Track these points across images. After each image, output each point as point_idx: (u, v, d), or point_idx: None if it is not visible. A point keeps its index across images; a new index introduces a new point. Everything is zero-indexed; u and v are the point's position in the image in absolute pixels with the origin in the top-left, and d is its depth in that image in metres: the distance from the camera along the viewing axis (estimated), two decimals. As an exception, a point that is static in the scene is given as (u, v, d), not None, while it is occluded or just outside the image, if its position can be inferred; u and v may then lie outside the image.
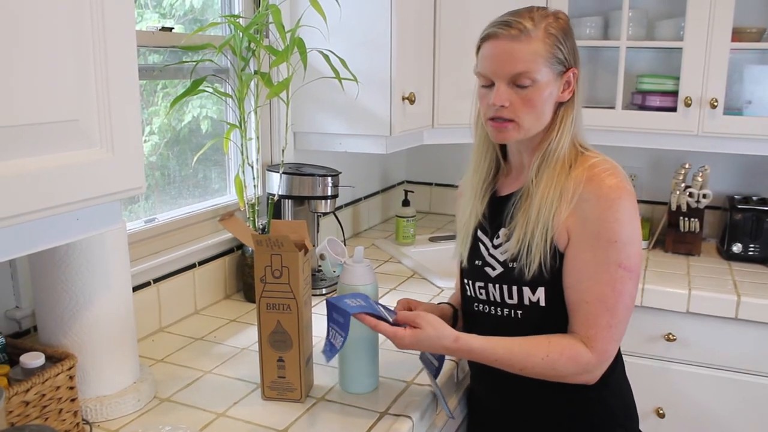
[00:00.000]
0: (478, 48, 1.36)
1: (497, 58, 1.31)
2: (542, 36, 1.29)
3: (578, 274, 1.29)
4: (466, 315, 1.51)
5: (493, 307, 1.41)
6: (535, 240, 1.31)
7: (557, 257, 1.31)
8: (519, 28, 1.29)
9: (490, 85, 1.34)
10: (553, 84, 1.32)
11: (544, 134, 1.36)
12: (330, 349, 1.28)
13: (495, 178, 1.48)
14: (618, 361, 1.45)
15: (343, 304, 1.28)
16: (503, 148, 1.47)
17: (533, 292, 1.34)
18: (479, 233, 1.45)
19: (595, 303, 1.28)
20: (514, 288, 1.36)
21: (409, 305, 1.46)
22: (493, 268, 1.40)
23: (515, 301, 1.36)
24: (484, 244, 1.43)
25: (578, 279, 1.29)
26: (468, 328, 1.51)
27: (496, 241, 1.41)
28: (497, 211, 1.42)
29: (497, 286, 1.39)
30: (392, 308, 1.42)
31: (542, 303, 1.34)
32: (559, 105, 1.36)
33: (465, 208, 1.49)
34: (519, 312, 1.37)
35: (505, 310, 1.39)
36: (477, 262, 1.44)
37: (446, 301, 1.61)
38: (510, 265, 1.36)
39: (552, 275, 1.31)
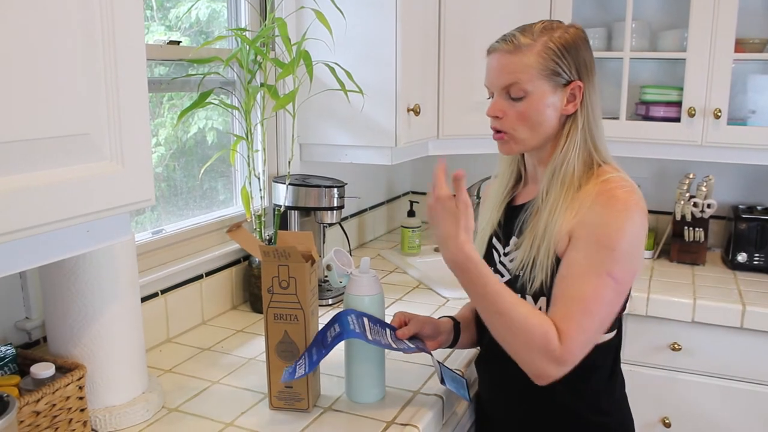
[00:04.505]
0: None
1: (492, 70, 1.36)
2: (539, 49, 1.31)
3: (567, 270, 1.27)
4: (480, 319, 1.52)
5: None
6: (540, 257, 1.30)
7: (556, 272, 1.30)
8: (514, 43, 1.32)
9: (492, 97, 1.38)
10: (552, 96, 1.32)
11: (553, 147, 1.37)
12: (291, 373, 1.30)
13: (516, 187, 1.50)
14: (618, 384, 1.45)
15: (359, 335, 1.32)
16: (524, 158, 1.48)
17: (535, 302, 1.34)
18: (494, 240, 1.47)
19: (575, 301, 1.24)
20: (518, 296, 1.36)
21: (403, 319, 1.46)
22: (502, 275, 1.41)
23: None
24: (497, 251, 1.45)
25: (566, 274, 1.27)
26: (479, 333, 1.53)
27: (506, 249, 1.42)
28: (510, 220, 1.44)
29: None
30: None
31: None
32: (567, 118, 1.36)
33: (484, 213, 1.51)
34: None
35: None
36: (490, 267, 1.45)
37: (456, 313, 1.61)
38: (517, 274, 1.37)
39: (550, 291, 1.30)
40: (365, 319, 1.38)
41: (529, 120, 1.33)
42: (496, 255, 1.45)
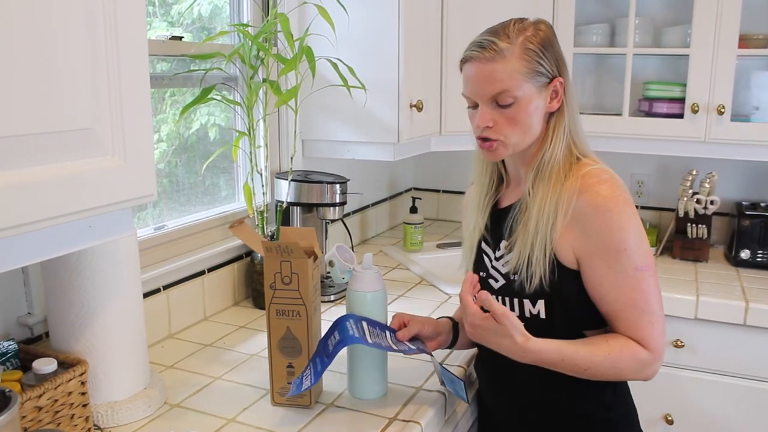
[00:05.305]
0: (461, 69, 1.37)
1: (476, 80, 1.32)
2: (519, 53, 1.29)
3: (601, 288, 1.29)
4: None
5: None
6: (535, 254, 1.30)
7: (556, 271, 1.30)
8: (494, 49, 1.29)
9: (475, 106, 1.35)
10: (538, 97, 1.31)
11: (538, 145, 1.36)
12: (297, 386, 1.29)
13: (497, 190, 1.48)
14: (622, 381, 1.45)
15: (359, 340, 1.31)
16: (503, 160, 1.48)
17: (533, 304, 1.33)
18: (483, 245, 1.46)
19: (628, 309, 1.28)
20: (515, 300, 1.36)
21: (403, 320, 1.45)
22: (496, 280, 1.40)
23: (516, 313, 1.36)
24: (487, 256, 1.44)
25: (603, 292, 1.29)
26: None
27: (498, 253, 1.41)
28: (498, 223, 1.43)
29: (499, 298, 1.39)
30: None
31: (542, 315, 1.33)
32: (551, 115, 1.35)
33: (469, 220, 1.50)
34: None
35: None
36: (481, 273, 1.44)
37: (453, 313, 1.61)
38: (512, 278, 1.36)
39: (552, 288, 1.31)
40: (364, 323, 1.37)
41: (520, 125, 1.32)
42: (486, 260, 1.44)
